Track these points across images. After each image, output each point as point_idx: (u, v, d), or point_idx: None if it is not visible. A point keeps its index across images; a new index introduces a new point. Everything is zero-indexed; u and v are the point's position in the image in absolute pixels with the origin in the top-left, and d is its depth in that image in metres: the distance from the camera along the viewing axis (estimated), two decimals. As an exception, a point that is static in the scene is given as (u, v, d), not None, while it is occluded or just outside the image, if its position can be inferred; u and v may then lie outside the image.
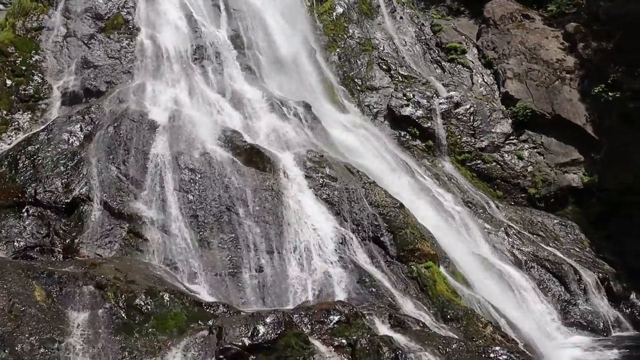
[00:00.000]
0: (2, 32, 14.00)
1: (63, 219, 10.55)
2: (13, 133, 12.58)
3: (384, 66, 19.06)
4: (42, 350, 7.85)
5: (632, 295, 14.28)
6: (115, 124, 12.16)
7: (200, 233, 10.93)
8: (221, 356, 8.08)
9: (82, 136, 11.92)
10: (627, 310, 14.06)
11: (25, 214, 10.54)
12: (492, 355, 9.04)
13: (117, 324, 8.43)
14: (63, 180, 11.04)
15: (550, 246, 15.11)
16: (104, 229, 10.55)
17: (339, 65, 18.82)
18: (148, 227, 10.65)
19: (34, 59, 13.86)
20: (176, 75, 14.10)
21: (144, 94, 13.18)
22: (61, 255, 10.04)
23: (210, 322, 8.69)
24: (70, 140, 11.76)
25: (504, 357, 9.06)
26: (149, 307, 8.74)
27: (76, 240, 10.32)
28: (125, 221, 10.69)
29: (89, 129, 12.09)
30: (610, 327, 13.52)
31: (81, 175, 11.15)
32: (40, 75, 13.64)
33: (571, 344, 12.49)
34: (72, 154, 11.50)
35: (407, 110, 17.79)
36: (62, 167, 11.22)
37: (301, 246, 11.28)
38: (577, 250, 15.37)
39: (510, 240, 14.73)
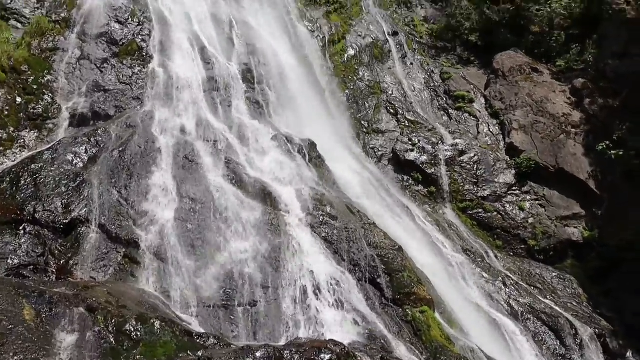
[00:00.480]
0: (18, 50, 14.18)
1: (60, 239, 10.53)
2: (18, 150, 12.65)
3: (391, 110, 19.19)
4: (26, 370, 7.78)
5: (628, 353, 14.06)
6: (121, 148, 12.23)
7: (197, 263, 10.88)
8: (208, 388, 7.99)
9: (86, 158, 11.97)
10: (623, 369, 13.89)
11: (22, 231, 10.52)
12: (484, 406, 8.91)
13: (104, 349, 8.36)
14: (63, 201, 11.05)
15: (547, 299, 14.96)
16: (100, 252, 10.51)
17: (347, 106, 18.97)
18: (144, 254, 10.61)
19: (46, 79, 14.01)
20: (185, 105, 14.22)
21: (151, 121, 13.27)
22: (54, 276, 10.00)
23: (199, 353, 8.61)
24: (74, 162, 11.81)
25: (496, 409, 8.93)
26: (138, 333, 8.67)
27: (71, 262, 10.28)
28: (122, 246, 10.66)
29: (94, 151, 12.15)
30: (605, 385, 13.35)
31: (82, 197, 11.16)
32: (50, 95, 13.77)
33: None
34: (75, 175, 11.53)
35: (412, 155, 17.82)
36: (63, 188, 11.24)
37: (297, 283, 11.21)
38: (575, 304, 15.21)
39: (507, 290, 14.60)
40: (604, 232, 16.26)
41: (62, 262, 10.25)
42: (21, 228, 10.55)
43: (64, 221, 10.82)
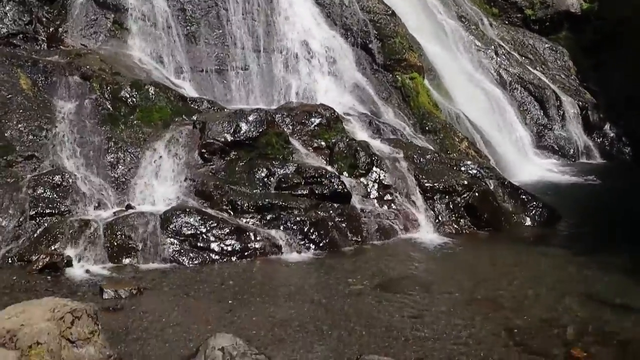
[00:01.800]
0: None
1: (46, 6, 10.17)
2: None
3: None
4: (30, 137, 8.10)
5: (606, 126, 14.60)
6: None
7: (188, 27, 10.75)
8: (203, 150, 8.42)
9: None
10: (598, 140, 14.47)
11: (6, -1, 10.20)
12: (462, 168, 9.49)
13: (102, 115, 8.64)
14: (44, -36, 10.56)
15: (537, 70, 15.12)
16: (88, 18, 10.29)
17: None
18: (134, 19, 10.42)
19: None
20: None
21: None
22: (45, 44, 9.84)
23: (194, 117, 8.92)
24: None
25: (474, 171, 9.52)
26: (134, 99, 8.90)
27: (60, 29, 10.09)
28: (110, 11, 10.40)
29: None
30: (580, 154, 14.02)
31: (64, -41, 10.66)
32: None
33: (540, 165, 13.02)
34: None
35: None
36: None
37: (289, 47, 11.21)
38: (563, 77, 15.41)
39: (498, 60, 14.67)
40: (602, 5, 15.90)
41: (51, 29, 10.07)
42: (4, -5, 10.21)
43: None
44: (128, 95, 8.90)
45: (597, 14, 16.02)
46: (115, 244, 7.23)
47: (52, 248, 7.06)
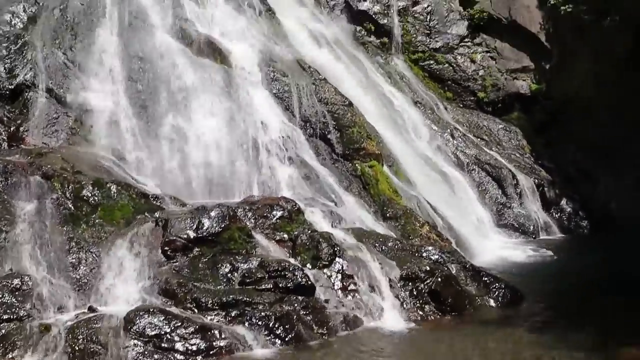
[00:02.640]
0: None
1: (7, 105, 10.34)
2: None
3: (344, -44, 18.49)
4: (-12, 240, 8.04)
5: (562, 202, 15.05)
6: (62, 6, 11.69)
7: (149, 125, 10.92)
8: (166, 248, 8.43)
9: (25, 18, 11.42)
10: (556, 215, 14.88)
11: (-34, 99, 10.31)
12: (424, 254, 9.64)
13: (64, 215, 8.63)
14: (6, 65, 10.71)
15: (493, 150, 15.62)
16: (50, 117, 10.42)
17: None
18: (96, 117, 10.58)
19: None
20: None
21: (91, -24, 12.62)
22: (6, 144, 9.95)
23: (157, 214, 8.94)
24: (13, 22, 11.31)
25: (436, 256, 9.67)
26: (96, 198, 8.93)
27: (21, 128, 10.20)
28: (72, 110, 10.57)
29: (33, 10, 11.55)
30: (540, 230, 14.35)
31: (25, 60, 10.85)
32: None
33: (502, 244, 13.26)
34: (16, 37, 11.11)
35: (365, 5, 17.52)
36: (4, 51, 10.85)
37: (248, 141, 11.42)
38: (518, 155, 15.94)
39: (455, 142, 15.16)
40: (550, 85, 16.71)
41: (12, 129, 10.17)
42: (-36, 96, 10.33)
43: (9, 87, 10.58)
44: (90, 194, 8.93)
45: (545, 95, 16.79)
46: (77, 348, 7.08)
47: (10, 356, 6.88)
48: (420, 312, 8.76)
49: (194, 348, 7.30)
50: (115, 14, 12.01)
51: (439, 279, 9.02)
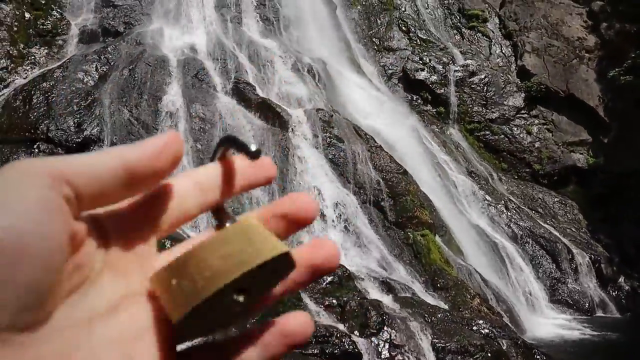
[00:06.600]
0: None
1: (74, 158, 10.77)
2: (29, 67, 12.74)
3: (403, 27, 18.95)
4: None
5: (620, 279, 14.55)
6: (131, 66, 12.30)
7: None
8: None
9: (97, 76, 12.07)
10: (613, 293, 14.36)
11: (37, 150, 10.79)
12: (474, 327, 9.40)
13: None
14: (75, 120, 11.25)
15: (547, 223, 15.34)
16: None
17: (358, 23, 18.72)
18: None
19: (54, -6, 13.91)
20: (195, 22, 14.14)
21: (161, 39, 13.27)
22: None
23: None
24: (85, 80, 11.92)
25: (486, 330, 9.42)
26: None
27: None
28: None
29: (105, 69, 12.24)
30: (595, 307, 13.85)
31: (93, 116, 11.36)
32: (59, 10, 13.71)
33: (555, 321, 12.85)
34: (86, 94, 11.67)
35: (422, 75, 17.78)
36: (75, 106, 11.41)
37: (302, 204, 11.50)
38: (574, 230, 15.60)
39: (509, 214, 14.95)
40: (608, 159, 16.44)
41: (76, 181, 10.54)
42: (35, 147, 10.80)
43: (77, 140, 11.06)
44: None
45: (603, 168, 16.50)
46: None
47: None
48: (469, 389, 8.52)
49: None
50: (180, 75, 12.54)
51: (489, 354, 8.76)
